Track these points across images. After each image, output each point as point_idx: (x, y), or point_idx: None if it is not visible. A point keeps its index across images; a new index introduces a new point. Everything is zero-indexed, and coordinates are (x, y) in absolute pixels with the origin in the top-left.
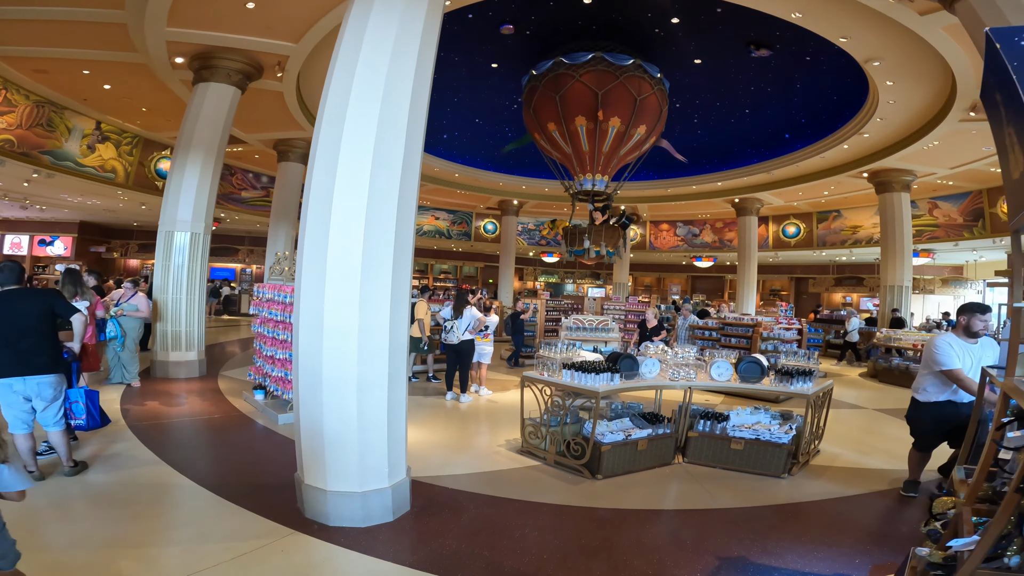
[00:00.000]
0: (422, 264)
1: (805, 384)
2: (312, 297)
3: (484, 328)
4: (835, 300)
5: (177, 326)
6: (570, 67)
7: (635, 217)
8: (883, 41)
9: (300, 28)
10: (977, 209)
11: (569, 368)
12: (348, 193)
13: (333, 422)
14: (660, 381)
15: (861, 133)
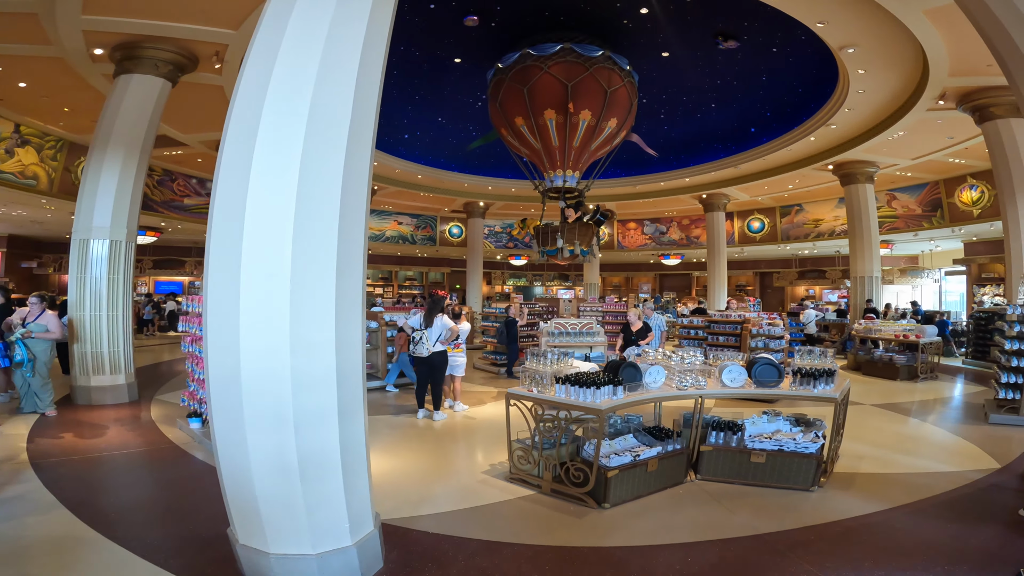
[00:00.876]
0: (386, 271)
1: (827, 386)
2: (222, 306)
3: (456, 338)
4: (799, 293)
5: (98, 347)
6: (538, 59)
7: (609, 213)
8: (859, 26)
9: (240, 13)
10: (935, 199)
11: (563, 382)
12: (271, 166)
13: (265, 470)
14: (668, 391)
15: (828, 124)
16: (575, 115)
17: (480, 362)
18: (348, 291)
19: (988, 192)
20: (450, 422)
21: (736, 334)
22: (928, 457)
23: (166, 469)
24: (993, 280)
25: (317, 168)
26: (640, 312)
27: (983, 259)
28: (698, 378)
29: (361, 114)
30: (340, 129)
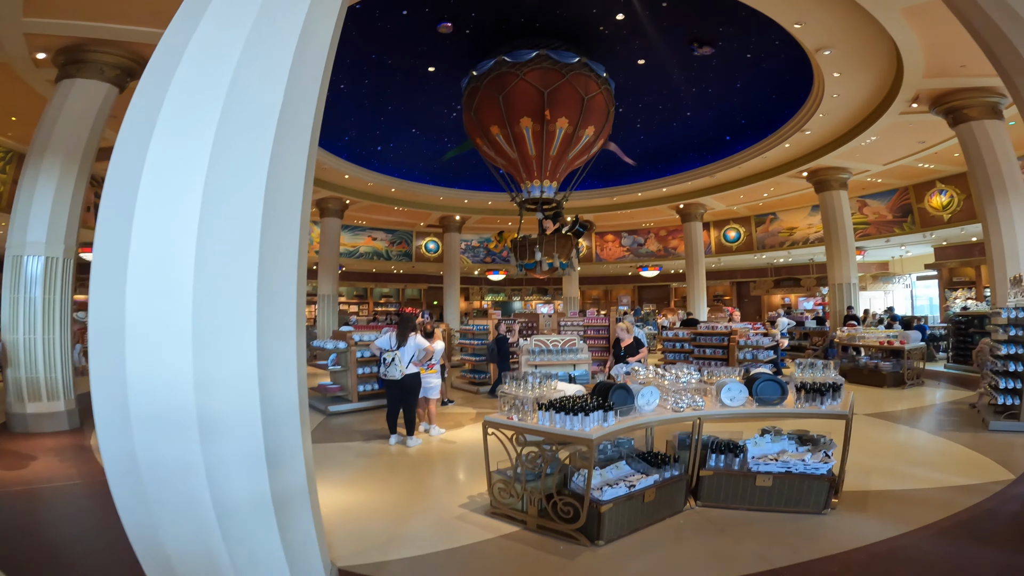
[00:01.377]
0: (361, 288)
1: (834, 401)
2: (105, 331)
3: (430, 358)
4: (775, 302)
5: (33, 372)
6: (514, 66)
7: (588, 224)
8: (836, 27)
9: None
10: (905, 205)
11: (547, 409)
12: (172, 157)
13: (175, 527)
14: (663, 414)
15: (803, 131)
16: (552, 123)
17: (458, 381)
18: (276, 313)
19: (957, 196)
20: (425, 448)
21: (723, 346)
22: (937, 469)
23: (94, 507)
24: (964, 284)
25: (233, 161)
26: (629, 326)
27: (953, 263)
28: (695, 398)
29: (297, 99)
30: (267, 115)
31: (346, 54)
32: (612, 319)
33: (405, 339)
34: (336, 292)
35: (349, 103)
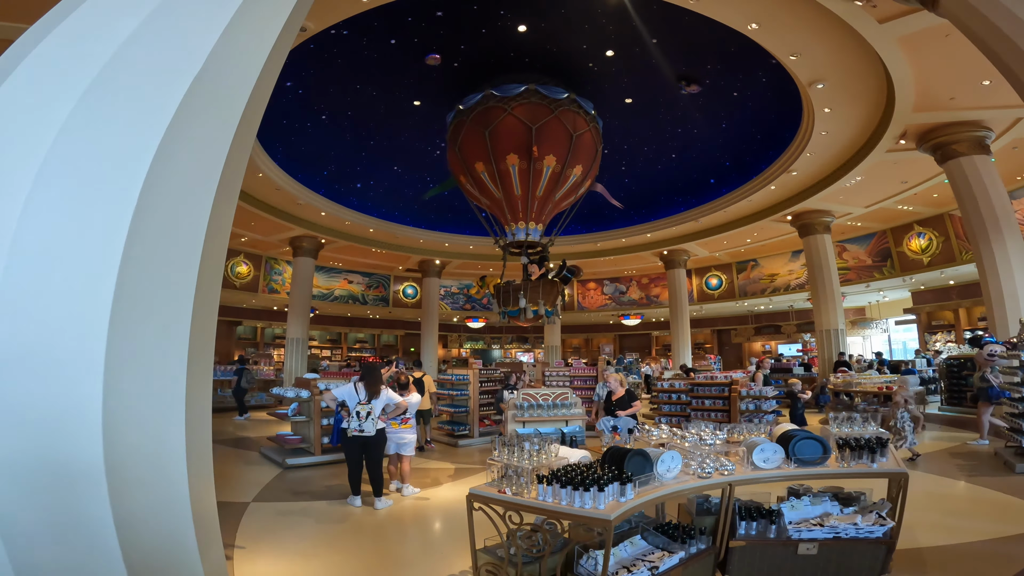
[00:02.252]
0: (335, 333)
1: (883, 457)
2: None
3: (404, 412)
4: (755, 349)
5: None
6: (501, 99)
7: (576, 270)
8: (830, 59)
9: None
10: (884, 249)
11: (551, 481)
12: None
13: None
14: (687, 482)
15: (789, 171)
16: (539, 160)
17: (435, 432)
18: (147, 335)
19: (935, 239)
20: (396, 510)
21: (723, 396)
22: (982, 518)
23: None
24: (943, 327)
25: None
26: (622, 377)
27: (931, 307)
28: (721, 460)
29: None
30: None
31: (329, 82)
32: (600, 369)
33: (377, 391)
34: (307, 335)
35: (330, 135)
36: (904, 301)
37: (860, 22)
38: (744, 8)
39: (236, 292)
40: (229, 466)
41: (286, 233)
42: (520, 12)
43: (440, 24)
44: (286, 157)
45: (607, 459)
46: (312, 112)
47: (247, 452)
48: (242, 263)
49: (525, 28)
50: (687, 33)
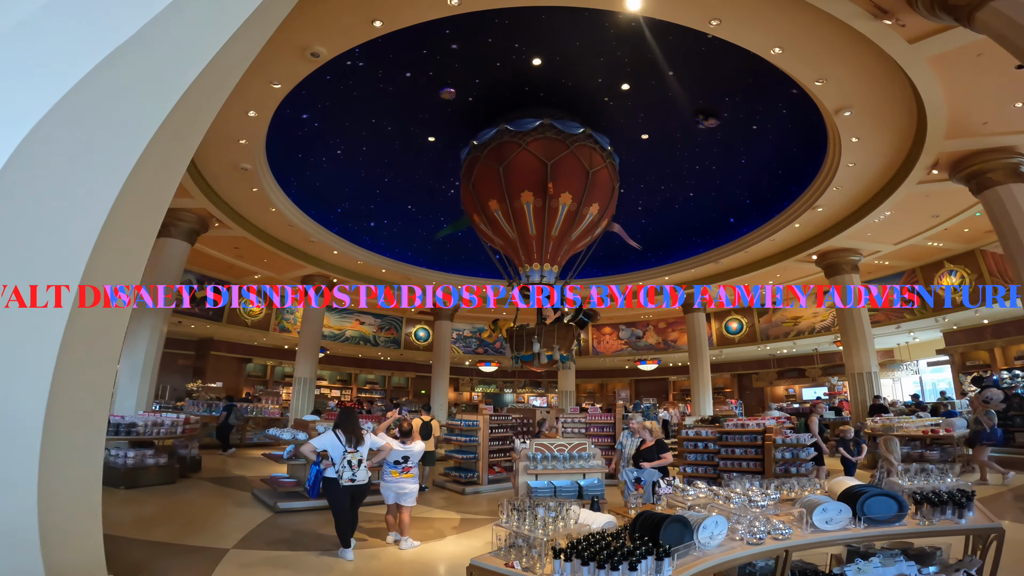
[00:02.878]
0: (345, 373)
1: (971, 512)
2: None
3: (404, 460)
4: (779, 393)
5: None
6: (516, 135)
7: (593, 313)
8: (857, 84)
9: None
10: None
11: (570, 556)
12: None
13: None
14: (735, 550)
15: (814, 207)
16: (555, 198)
17: (441, 479)
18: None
19: (968, 276)
20: (392, 566)
21: (755, 445)
22: None
23: None
24: (979, 367)
25: None
26: (654, 426)
27: (964, 347)
28: (773, 522)
29: None
30: None
31: (345, 115)
32: (618, 416)
33: (360, 436)
34: (314, 375)
35: (344, 170)
36: (935, 342)
37: (889, 42)
38: (767, 31)
39: (247, 330)
40: (216, 507)
41: (298, 271)
42: (535, 45)
43: (455, 57)
44: (300, 192)
45: (638, 527)
46: (327, 146)
47: (238, 492)
48: (254, 301)
49: (540, 61)
50: (704, 63)
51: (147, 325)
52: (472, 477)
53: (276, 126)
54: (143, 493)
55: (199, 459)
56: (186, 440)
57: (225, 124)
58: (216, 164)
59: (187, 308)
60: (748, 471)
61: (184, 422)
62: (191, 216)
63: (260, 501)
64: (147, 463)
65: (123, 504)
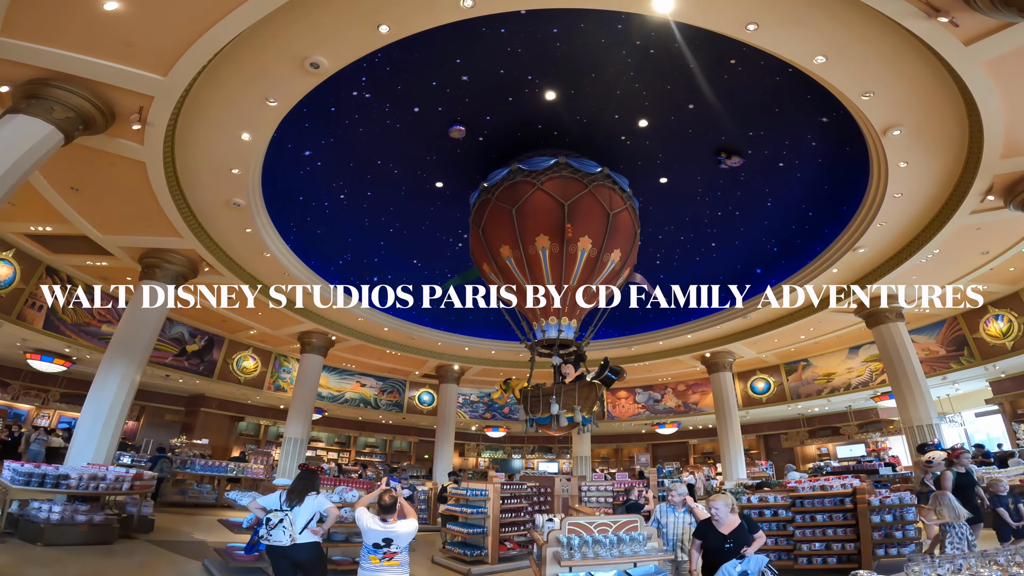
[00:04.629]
0: (344, 436)
1: None
2: None
3: (386, 544)
4: (810, 453)
5: None
6: (529, 174)
7: (620, 370)
8: (907, 97)
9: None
10: (958, 337)
11: None
12: None
13: None
14: None
15: (855, 248)
16: (573, 242)
17: (441, 556)
18: None
19: (1016, 320)
20: None
21: (845, 509)
22: None
23: None
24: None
25: None
26: (731, 500)
27: (1014, 395)
28: None
29: None
30: None
31: (349, 153)
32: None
33: (301, 496)
34: (307, 436)
35: (348, 219)
36: (981, 392)
37: (943, 44)
38: (809, 37)
39: (240, 387)
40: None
41: (295, 327)
42: (549, 76)
43: (466, 90)
44: (300, 240)
45: None
46: (330, 190)
47: (186, 562)
48: (249, 358)
49: (554, 95)
50: (727, 94)
51: (117, 372)
52: (480, 555)
53: (276, 162)
54: (65, 553)
55: (151, 518)
56: (139, 496)
57: (216, 147)
58: (207, 198)
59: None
60: (838, 539)
61: (134, 477)
62: (179, 258)
63: (210, 575)
64: (77, 519)
65: (28, 563)
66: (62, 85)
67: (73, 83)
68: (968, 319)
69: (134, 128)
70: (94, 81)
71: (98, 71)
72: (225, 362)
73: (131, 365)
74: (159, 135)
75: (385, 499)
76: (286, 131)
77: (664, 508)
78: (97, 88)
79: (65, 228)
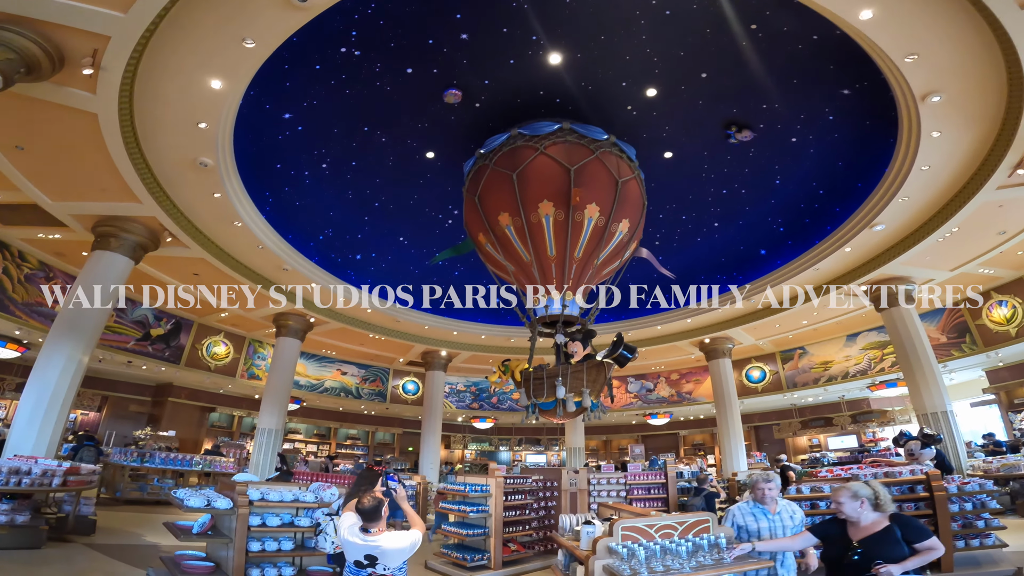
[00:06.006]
0: (324, 427)
1: None
2: None
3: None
4: (801, 445)
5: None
6: (531, 139)
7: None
8: (952, 61)
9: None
10: (959, 324)
11: None
12: None
13: None
14: None
15: (872, 225)
16: (579, 209)
17: (436, 560)
18: None
19: (1020, 306)
20: None
21: (917, 498)
22: None
23: None
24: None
25: None
26: (881, 493)
27: (1010, 385)
28: None
29: None
30: None
31: (334, 118)
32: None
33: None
34: (282, 427)
35: (331, 191)
36: (977, 382)
37: (997, 3)
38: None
39: (211, 375)
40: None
41: (269, 308)
42: (555, 37)
43: (464, 50)
44: (276, 212)
45: None
46: (311, 158)
47: (128, 571)
48: (220, 343)
49: (559, 59)
50: (744, 62)
51: (63, 353)
52: (481, 560)
53: (251, 124)
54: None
55: (92, 519)
56: (76, 493)
57: (182, 96)
58: (170, 157)
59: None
60: None
61: (67, 472)
62: (138, 227)
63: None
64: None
65: None
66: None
67: (14, 22)
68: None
69: (85, 73)
70: (39, 21)
71: (44, 7)
72: (194, 348)
73: (78, 346)
74: (115, 82)
75: (365, 501)
76: (265, 89)
77: (747, 508)
78: (43, 28)
79: (12, 195)
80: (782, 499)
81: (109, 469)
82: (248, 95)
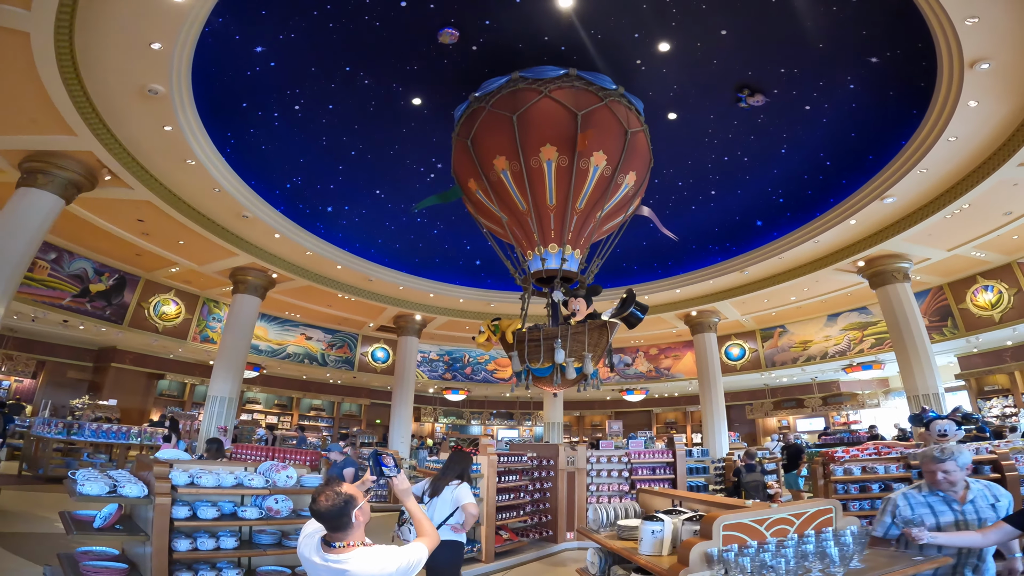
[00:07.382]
0: (285, 397)
1: None
2: None
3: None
4: (770, 426)
5: None
6: (535, 82)
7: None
8: (1010, 28)
9: None
10: (942, 307)
11: None
12: None
13: None
14: None
15: (883, 197)
16: (585, 156)
17: None
18: None
19: (1007, 292)
20: None
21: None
22: None
23: None
24: (997, 392)
25: None
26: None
27: (980, 372)
28: None
29: None
30: None
31: (312, 56)
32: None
33: (438, 486)
34: (238, 395)
35: (302, 136)
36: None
37: None
38: None
39: (159, 337)
40: None
41: (225, 261)
42: None
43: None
44: (238, 155)
45: None
46: (283, 99)
47: (25, 567)
48: (170, 301)
49: (570, 2)
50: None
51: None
52: (470, 551)
53: (216, 56)
54: None
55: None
56: None
57: (133, 11)
58: (114, 83)
59: (74, 304)
60: None
61: None
62: (71, 162)
63: None
64: None
65: None
66: None
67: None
68: (954, 288)
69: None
70: None
71: None
72: (140, 306)
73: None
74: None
75: (321, 501)
76: (237, 15)
77: (918, 497)
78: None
79: None
80: (976, 482)
81: (31, 443)
82: (216, 22)
